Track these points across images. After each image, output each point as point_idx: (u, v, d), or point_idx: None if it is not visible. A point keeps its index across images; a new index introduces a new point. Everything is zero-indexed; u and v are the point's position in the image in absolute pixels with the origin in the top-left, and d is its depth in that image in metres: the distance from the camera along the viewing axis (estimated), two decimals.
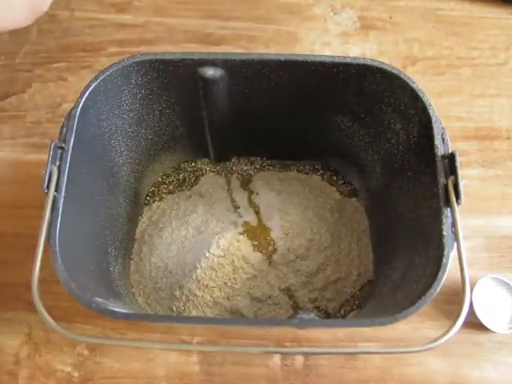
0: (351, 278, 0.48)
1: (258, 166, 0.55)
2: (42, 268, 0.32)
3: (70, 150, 0.36)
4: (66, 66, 0.61)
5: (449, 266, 0.33)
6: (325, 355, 0.46)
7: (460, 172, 0.35)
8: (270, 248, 0.49)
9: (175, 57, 0.39)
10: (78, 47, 0.62)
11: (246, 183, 0.54)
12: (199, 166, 0.55)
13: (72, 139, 0.36)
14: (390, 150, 0.44)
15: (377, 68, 0.39)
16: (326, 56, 0.39)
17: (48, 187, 0.34)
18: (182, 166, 0.55)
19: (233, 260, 0.48)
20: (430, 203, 0.36)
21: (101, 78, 0.38)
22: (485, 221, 0.52)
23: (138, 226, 0.52)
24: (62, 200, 0.34)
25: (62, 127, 0.37)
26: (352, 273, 0.49)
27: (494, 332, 0.45)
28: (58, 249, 0.33)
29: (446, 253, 0.33)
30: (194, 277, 0.47)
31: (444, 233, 0.34)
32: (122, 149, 0.46)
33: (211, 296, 0.47)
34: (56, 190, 0.34)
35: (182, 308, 0.47)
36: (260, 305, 0.47)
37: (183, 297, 0.47)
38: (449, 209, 0.34)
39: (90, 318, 0.47)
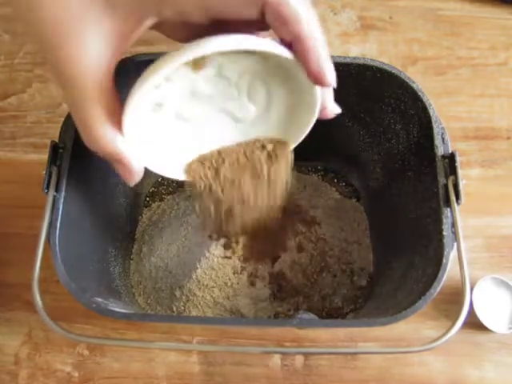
0: (351, 278, 0.48)
1: None
2: (41, 268, 0.32)
3: (70, 149, 0.36)
4: None
5: (449, 266, 0.33)
6: (325, 355, 0.46)
7: (460, 172, 0.35)
8: None
9: None
10: None
11: None
12: None
13: (72, 139, 0.36)
14: (390, 150, 0.44)
15: (377, 68, 0.39)
16: None
17: (48, 187, 0.34)
18: None
19: (233, 259, 0.48)
20: (430, 203, 0.36)
21: None
22: (485, 221, 0.52)
23: (137, 226, 0.52)
24: (62, 200, 0.34)
25: (62, 127, 0.37)
26: (352, 273, 0.49)
27: (494, 332, 0.45)
28: (58, 249, 0.33)
29: (445, 253, 0.33)
30: (193, 277, 0.47)
31: (444, 233, 0.34)
32: None
33: (211, 296, 0.47)
34: (56, 190, 0.34)
35: (182, 308, 0.47)
36: (260, 305, 0.47)
37: (183, 297, 0.47)
38: (449, 209, 0.34)
39: (90, 318, 0.47)
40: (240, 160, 0.33)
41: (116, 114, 0.26)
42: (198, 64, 0.27)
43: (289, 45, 0.26)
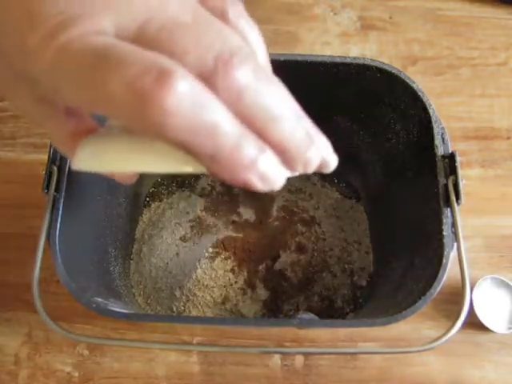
0: (351, 278, 0.48)
1: None
2: (41, 268, 0.32)
3: None
4: None
5: (449, 266, 0.33)
6: (325, 355, 0.46)
7: (460, 172, 0.35)
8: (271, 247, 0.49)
9: None
10: None
11: None
12: None
13: None
14: (390, 150, 0.44)
15: (377, 68, 0.39)
16: (326, 56, 0.40)
17: (48, 187, 0.34)
18: None
19: (233, 259, 0.48)
20: (430, 203, 0.36)
21: None
22: (485, 221, 0.52)
23: (137, 226, 0.52)
24: (62, 200, 0.34)
25: None
26: (352, 273, 0.49)
27: (494, 332, 0.45)
28: (58, 249, 0.33)
29: (446, 253, 0.33)
30: (193, 277, 0.47)
31: (444, 233, 0.34)
32: None
33: (211, 296, 0.47)
34: (56, 190, 0.34)
35: (182, 308, 0.47)
36: (260, 305, 0.47)
37: (183, 297, 0.47)
38: (449, 209, 0.34)
39: (90, 318, 0.47)
40: None
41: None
42: None
43: None
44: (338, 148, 0.55)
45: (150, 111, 0.15)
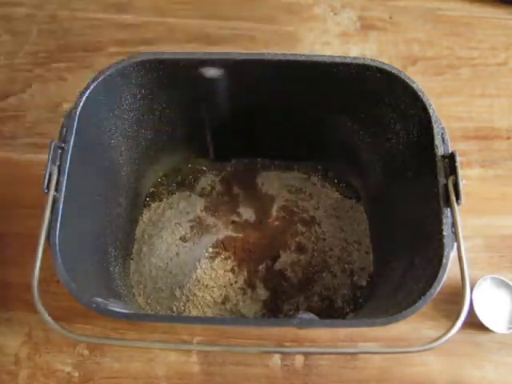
0: (351, 278, 0.48)
1: (258, 167, 0.55)
2: (41, 268, 0.32)
3: (70, 150, 0.36)
4: (65, 66, 0.61)
5: (449, 266, 0.33)
6: (325, 355, 0.46)
7: (460, 172, 0.35)
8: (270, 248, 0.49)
9: (175, 57, 0.39)
10: (78, 47, 0.62)
11: (246, 183, 0.54)
12: (199, 166, 0.55)
13: (72, 139, 0.36)
14: (390, 150, 0.44)
15: (377, 68, 0.39)
16: (326, 56, 0.40)
17: (48, 187, 0.34)
18: (182, 166, 0.55)
19: (233, 259, 0.48)
20: (430, 203, 0.36)
21: (101, 78, 0.38)
22: (485, 221, 0.52)
23: (137, 225, 0.52)
24: (62, 200, 0.34)
25: (62, 127, 0.37)
26: (352, 273, 0.49)
27: (494, 332, 0.45)
28: (58, 249, 0.33)
29: (446, 253, 0.33)
30: (193, 277, 0.47)
31: (444, 233, 0.34)
32: (122, 149, 0.46)
33: (211, 296, 0.47)
34: (56, 190, 0.34)
35: (182, 308, 0.47)
36: (260, 305, 0.47)
37: (183, 297, 0.47)
38: (449, 209, 0.34)
39: (90, 318, 0.47)
40: None
41: None
42: None
43: None
44: (338, 148, 0.55)
45: None
